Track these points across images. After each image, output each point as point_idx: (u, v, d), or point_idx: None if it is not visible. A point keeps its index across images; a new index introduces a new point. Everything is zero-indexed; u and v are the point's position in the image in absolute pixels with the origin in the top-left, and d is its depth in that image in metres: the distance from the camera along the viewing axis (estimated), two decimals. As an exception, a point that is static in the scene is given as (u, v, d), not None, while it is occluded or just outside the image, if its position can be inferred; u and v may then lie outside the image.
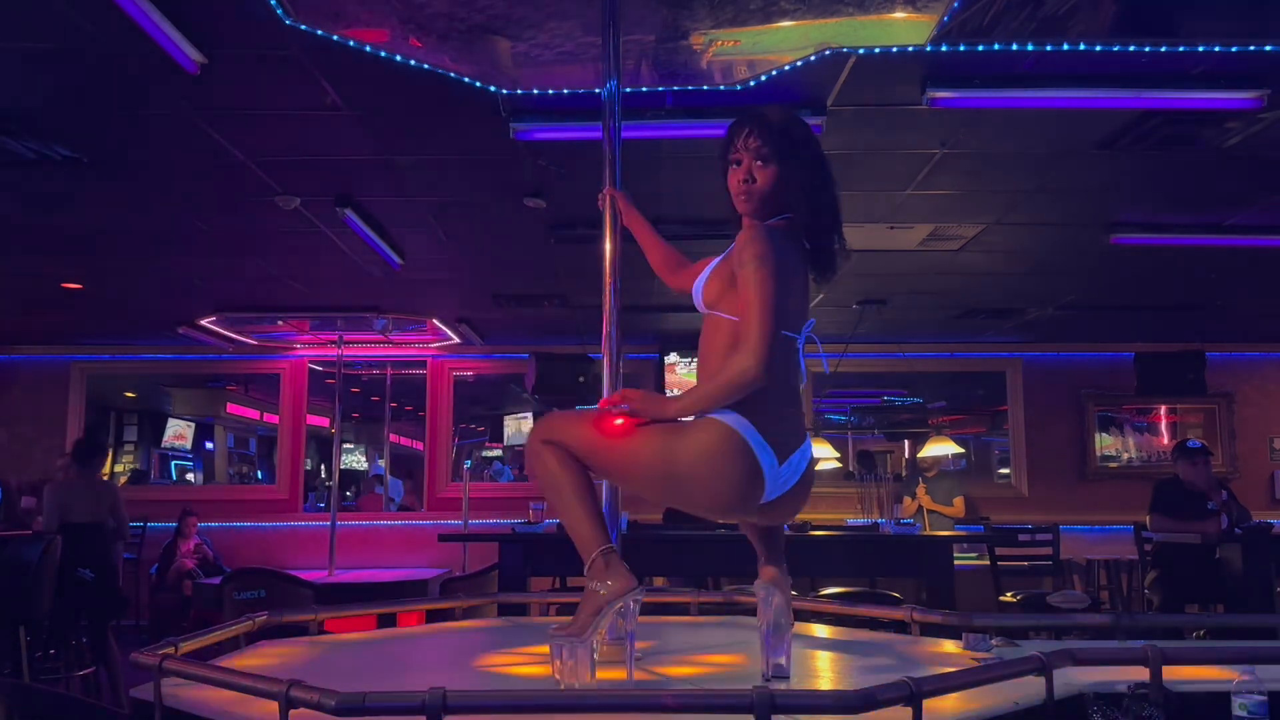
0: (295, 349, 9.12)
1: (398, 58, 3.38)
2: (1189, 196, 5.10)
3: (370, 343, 8.80)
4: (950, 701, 1.88)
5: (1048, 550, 7.06)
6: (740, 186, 2.21)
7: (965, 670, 2.00)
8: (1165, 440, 9.09)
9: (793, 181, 2.17)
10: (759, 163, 2.18)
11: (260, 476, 12.44)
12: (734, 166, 2.22)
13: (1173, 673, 2.00)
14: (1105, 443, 9.10)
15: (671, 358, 8.43)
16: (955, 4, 3.02)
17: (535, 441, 2.18)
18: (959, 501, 7.70)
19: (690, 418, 2.09)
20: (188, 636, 2.37)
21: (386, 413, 10.10)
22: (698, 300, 2.24)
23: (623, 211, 2.73)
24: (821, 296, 7.13)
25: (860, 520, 7.85)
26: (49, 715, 2.11)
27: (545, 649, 2.15)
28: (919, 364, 8.82)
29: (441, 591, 5.93)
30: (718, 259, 2.22)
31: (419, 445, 9.56)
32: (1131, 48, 3.38)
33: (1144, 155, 4.41)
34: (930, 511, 7.61)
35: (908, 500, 7.87)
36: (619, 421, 2.10)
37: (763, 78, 3.58)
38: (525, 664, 2.48)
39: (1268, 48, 3.37)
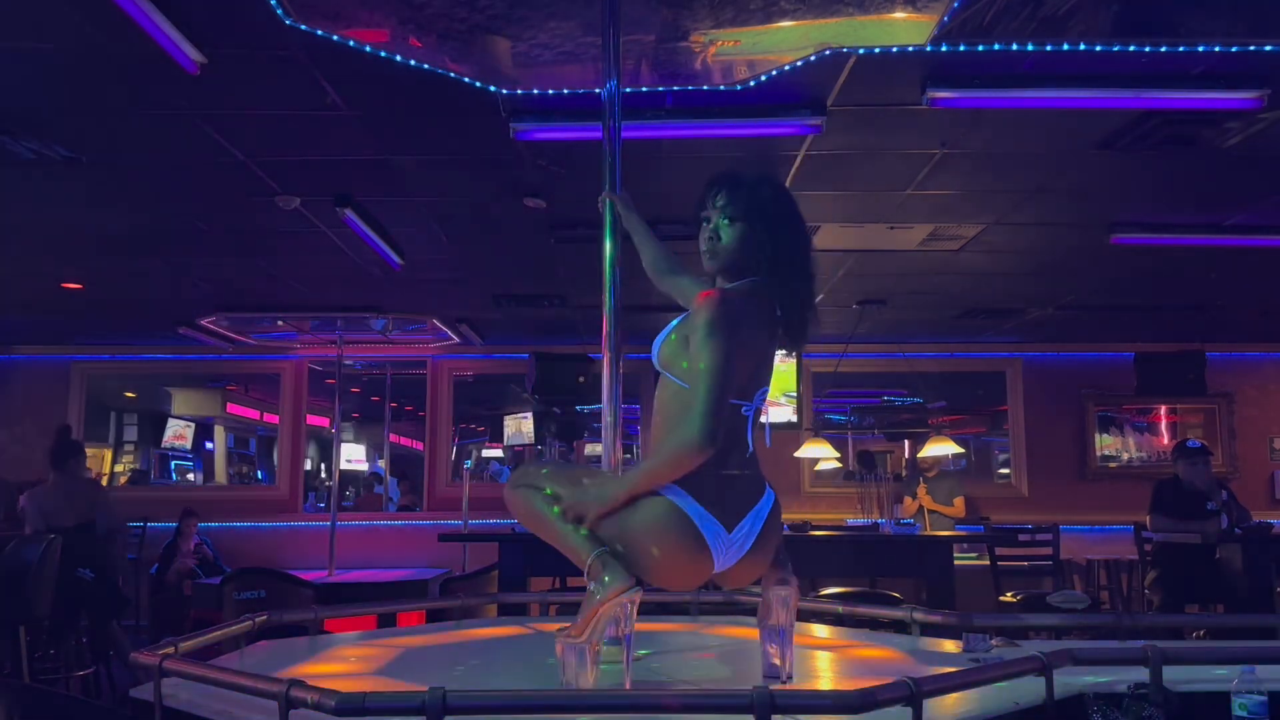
0: (295, 349, 9.11)
1: (398, 58, 3.38)
2: (1189, 196, 5.10)
3: (370, 343, 8.80)
4: (950, 701, 1.88)
5: (1048, 550, 7.06)
6: (706, 244, 2.20)
7: (965, 670, 2.00)
8: (1165, 440, 9.09)
9: (758, 242, 2.14)
10: (725, 221, 2.17)
11: (260, 476, 12.44)
12: (703, 225, 2.22)
13: (1173, 673, 2.00)
14: (1105, 443, 9.09)
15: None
16: (955, 4, 3.02)
17: (507, 492, 2.25)
18: (959, 501, 7.70)
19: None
20: (188, 636, 2.37)
21: (386, 413, 10.11)
22: (654, 357, 2.21)
23: (622, 214, 2.74)
24: (822, 297, 7.14)
25: (860, 520, 7.85)
26: (49, 715, 2.11)
27: (545, 649, 2.16)
28: (919, 364, 8.81)
29: (441, 591, 5.94)
30: (679, 319, 2.19)
31: (419, 445, 9.56)
32: (1131, 48, 3.38)
33: (1144, 155, 4.40)
34: (931, 512, 7.61)
35: (908, 500, 7.87)
36: (586, 480, 2.15)
37: (763, 78, 3.58)
38: (525, 664, 2.48)
39: (1268, 48, 3.37)
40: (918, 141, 4.31)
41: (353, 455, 14.37)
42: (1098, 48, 3.37)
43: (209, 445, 12.34)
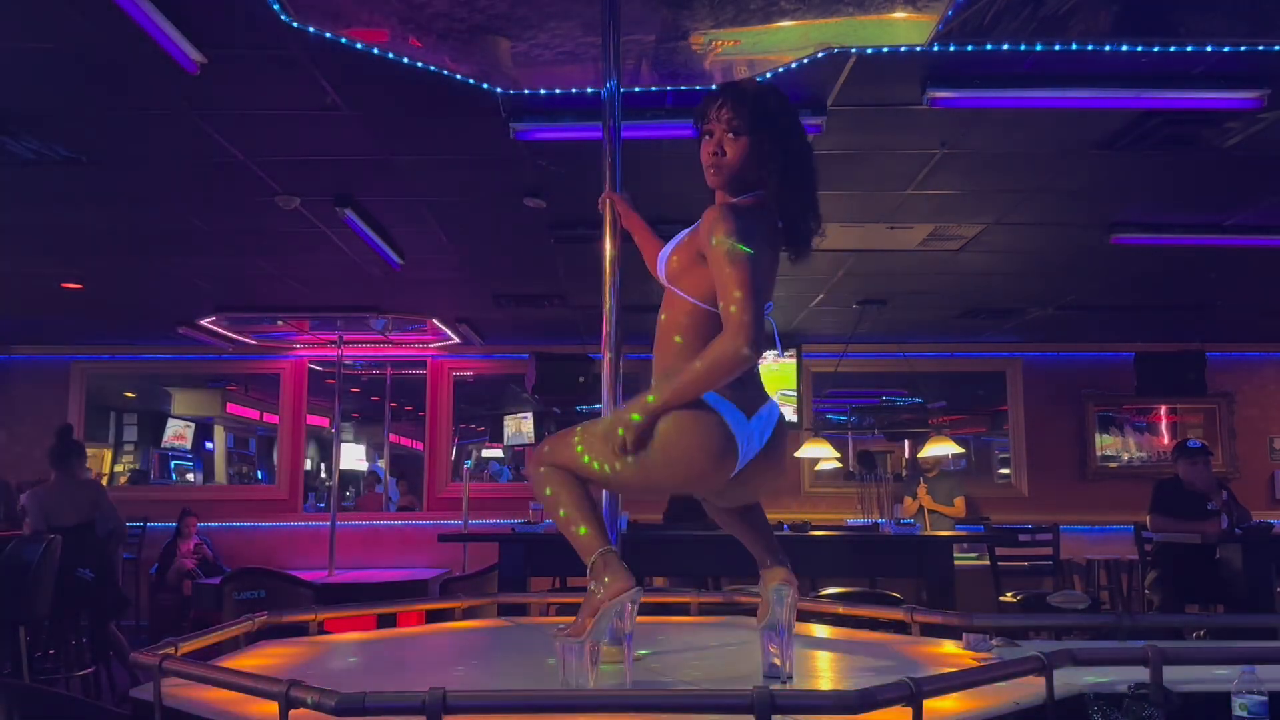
0: (295, 349, 9.11)
1: (398, 58, 3.38)
2: (1189, 196, 5.10)
3: (370, 343, 8.80)
4: (950, 701, 1.88)
5: (1048, 550, 7.06)
6: (710, 159, 2.17)
7: (965, 670, 2.00)
8: (1165, 440, 9.09)
9: (764, 155, 2.11)
10: (730, 135, 2.13)
11: (260, 476, 12.43)
12: (706, 138, 2.18)
13: (1173, 673, 2.00)
14: (1105, 443, 9.09)
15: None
16: (955, 4, 3.02)
17: (535, 467, 2.20)
18: (959, 501, 7.70)
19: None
20: (188, 636, 2.37)
21: (386, 413, 10.10)
22: (660, 271, 2.21)
23: (622, 214, 2.73)
24: (822, 296, 7.14)
25: (860, 520, 7.85)
26: (49, 715, 2.11)
27: (545, 649, 2.16)
28: (919, 364, 8.81)
29: (441, 591, 5.94)
30: (684, 232, 2.18)
31: (419, 445, 9.56)
32: (1132, 48, 3.38)
33: (1144, 155, 4.41)
34: (931, 512, 7.61)
35: (908, 500, 7.87)
36: (607, 423, 2.13)
37: (762, 78, 3.58)
38: (525, 664, 2.48)
39: (1268, 48, 3.37)
40: (918, 141, 4.31)
41: (354, 455, 14.36)
42: (1098, 48, 3.37)
43: (209, 445, 12.34)
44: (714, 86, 2.21)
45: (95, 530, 5.57)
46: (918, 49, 3.34)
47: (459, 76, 3.53)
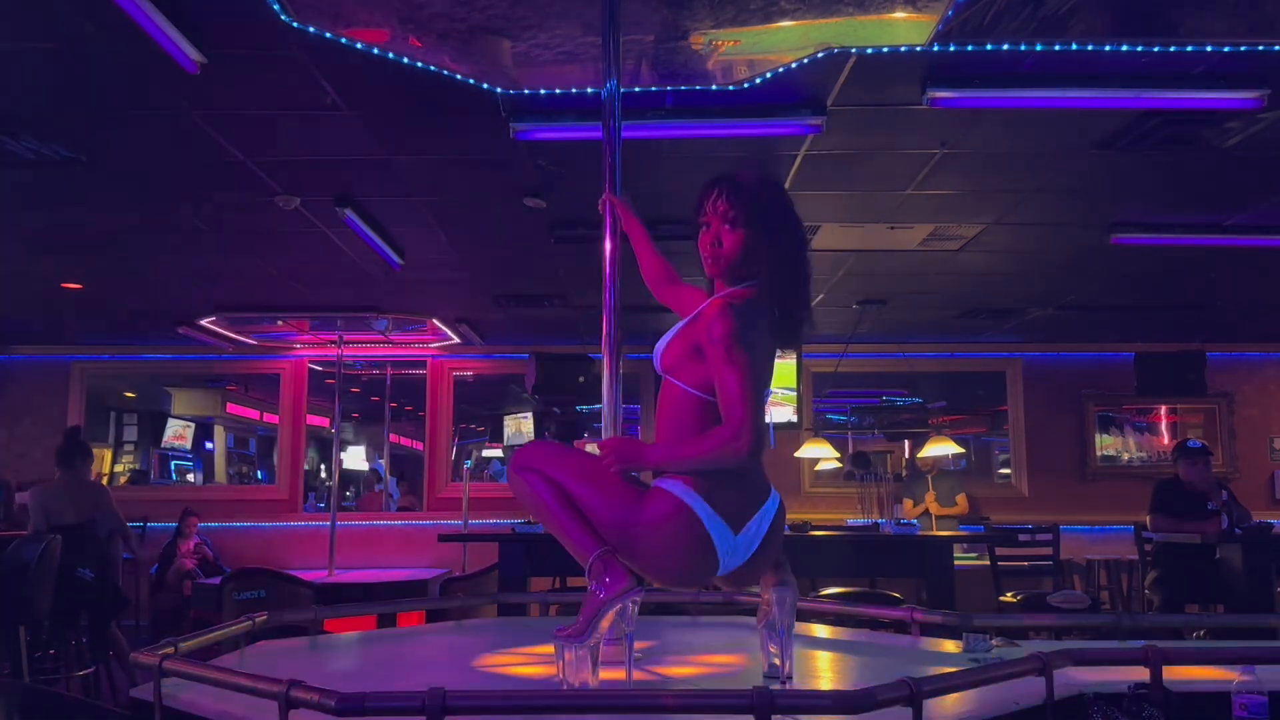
0: (295, 349, 9.11)
1: (398, 57, 3.38)
2: (1189, 196, 5.10)
3: (370, 343, 8.80)
4: (950, 701, 1.88)
5: (1048, 550, 7.06)
6: (708, 250, 2.20)
7: (965, 670, 2.00)
8: (1165, 440, 9.09)
9: (761, 247, 2.15)
10: (726, 226, 2.16)
11: (260, 476, 12.44)
12: (704, 229, 2.21)
13: (1173, 673, 2.00)
14: (1105, 443, 9.09)
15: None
16: (955, 4, 3.02)
17: (513, 470, 2.20)
18: (961, 499, 7.70)
19: (654, 482, 2.10)
20: (188, 636, 2.37)
21: (386, 413, 10.10)
22: (656, 362, 2.23)
23: (622, 216, 2.73)
24: (822, 296, 7.14)
25: (860, 520, 7.85)
26: (49, 715, 2.11)
27: (545, 649, 2.16)
28: (919, 364, 8.81)
29: (441, 591, 5.94)
30: (681, 323, 2.21)
31: (419, 445, 9.56)
32: (1132, 48, 3.38)
33: (1144, 155, 4.41)
34: (938, 517, 7.60)
35: (908, 503, 7.86)
36: (593, 466, 2.12)
37: (762, 78, 3.58)
38: (525, 664, 2.48)
39: (1267, 48, 3.37)
40: (918, 141, 4.31)
41: (355, 457, 14.35)
42: (1098, 48, 3.37)
43: (209, 445, 12.34)
44: (709, 180, 2.24)
45: (95, 530, 5.58)
46: (918, 49, 3.34)
47: (459, 76, 3.53)
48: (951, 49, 3.36)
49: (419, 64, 3.42)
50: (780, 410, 8.12)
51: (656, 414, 2.22)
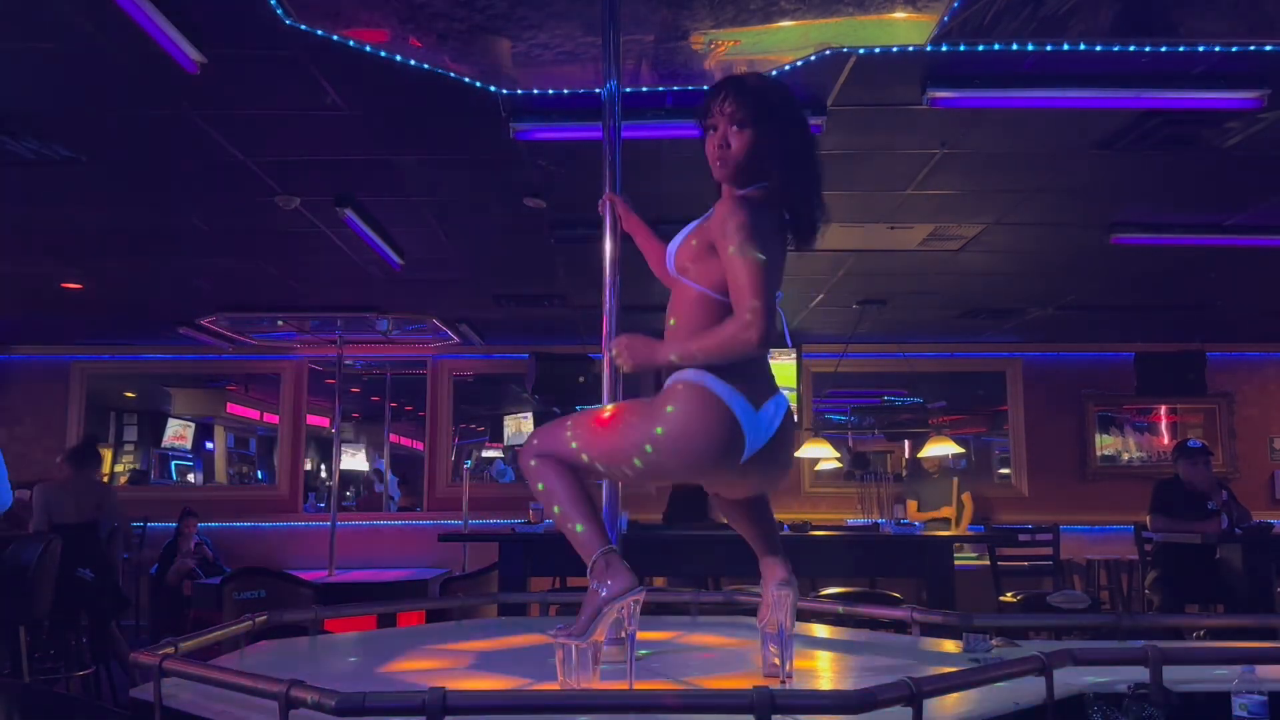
0: (295, 349, 9.11)
1: (398, 58, 3.38)
2: (1189, 196, 5.10)
3: (370, 343, 8.80)
4: (950, 701, 1.88)
5: (1048, 550, 7.06)
6: (715, 153, 2.19)
7: (965, 670, 2.00)
8: (1165, 440, 9.09)
9: (769, 147, 2.13)
10: (734, 128, 2.15)
11: (260, 476, 12.43)
12: (710, 132, 2.20)
13: (1173, 673, 2.00)
14: (1105, 443, 9.09)
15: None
16: (955, 4, 3.02)
17: (526, 459, 2.19)
18: (967, 497, 7.69)
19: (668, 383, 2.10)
20: (188, 636, 2.37)
21: (386, 413, 10.10)
22: (670, 263, 2.22)
23: (622, 216, 2.73)
24: (822, 296, 7.14)
25: (860, 520, 7.85)
26: (49, 715, 2.11)
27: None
28: (919, 364, 8.81)
29: (441, 591, 5.94)
30: (693, 224, 2.20)
31: (419, 445, 9.56)
32: (1132, 48, 3.38)
33: (1144, 155, 4.40)
34: (930, 520, 7.58)
35: (912, 504, 7.83)
36: (606, 414, 2.13)
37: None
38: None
39: (1268, 48, 3.37)
40: (918, 141, 4.31)
41: (356, 458, 14.35)
42: (1098, 48, 3.37)
43: (209, 445, 12.33)
44: (715, 82, 2.23)
45: (97, 531, 5.59)
46: (918, 49, 3.34)
47: (459, 76, 3.53)
48: (951, 49, 3.36)
49: (419, 64, 3.42)
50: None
51: (668, 320, 2.21)
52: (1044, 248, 5.97)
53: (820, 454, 7.78)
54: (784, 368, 8.25)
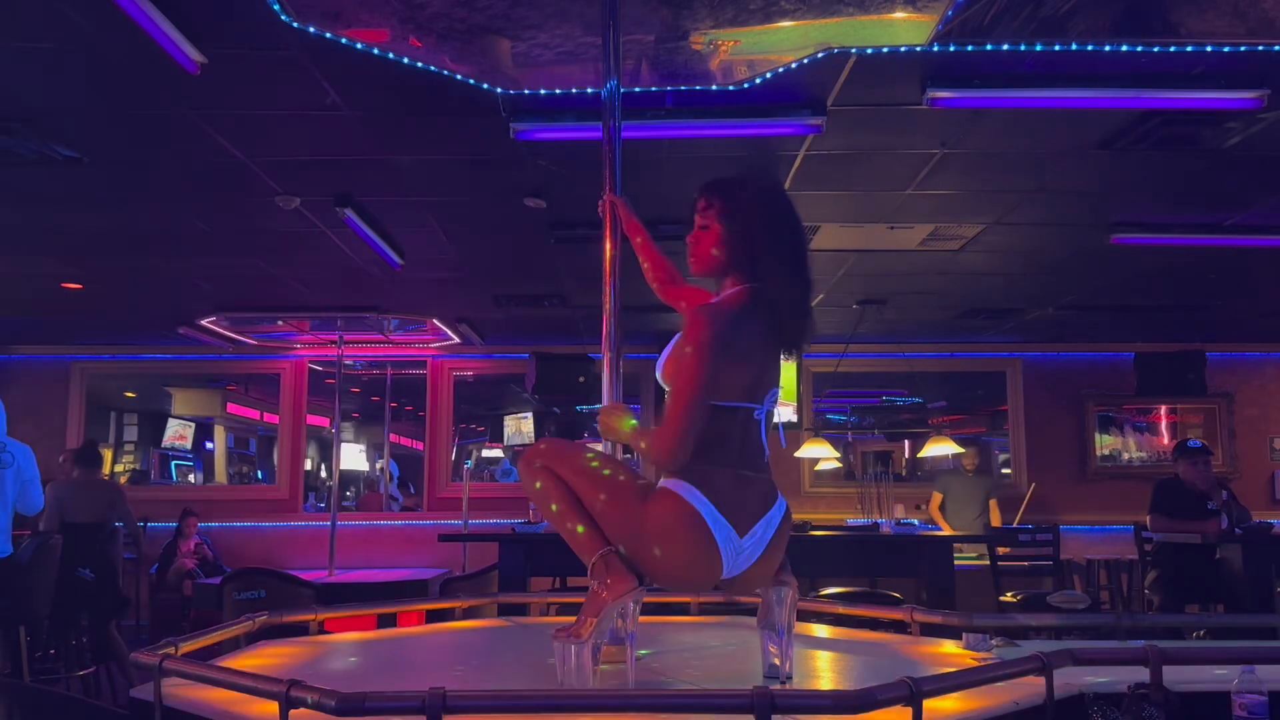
0: (295, 349, 9.11)
1: (398, 58, 3.38)
2: (1189, 196, 5.10)
3: (370, 343, 8.80)
4: (950, 701, 1.88)
5: (1048, 550, 7.05)
6: (690, 249, 2.20)
7: (965, 670, 2.00)
8: (1165, 440, 9.09)
9: (747, 245, 2.10)
10: (705, 224, 2.16)
11: (260, 476, 12.42)
12: (690, 229, 2.22)
13: (1173, 673, 2.00)
14: (1105, 443, 9.09)
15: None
16: (955, 4, 3.02)
17: (525, 465, 2.19)
18: (994, 503, 7.64)
19: (658, 483, 2.09)
20: (188, 636, 2.37)
21: (386, 413, 10.09)
22: (658, 373, 2.21)
23: (623, 218, 2.73)
24: (822, 296, 7.14)
25: (860, 520, 7.84)
26: (49, 715, 2.11)
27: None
28: (919, 364, 8.81)
29: (441, 591, 5.93)
30: (677, 336, 2.16)
31: (419, 445, 9.56)
32: (1132, 48, 3.38)
33: (1144, 155, 4.40)
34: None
35: (937, 497, 7.75)
36: (606, 474, 2.10)
37: (762, 78, 3.58)
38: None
39: (1267, 48, 3.37)
40: (918, 141, 4.31)
41: (355, 459, 14.35)
42: (1098, 48, 3.37)
43: (209, 445, 12.32)
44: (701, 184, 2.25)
45: (104, 531, 5.64)
46: (918, 49, 3.34)
47: (459, 76, 3.53)
48: (951, 49, 3.36)
49: (419, 64, 3.42)
50: (780, 410, 8.11)
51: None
52: (1044, 248, 5.97)
53: (820, 454, 7.78)
54: (784, 369, 8.24)
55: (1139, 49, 3.39)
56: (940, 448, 7.70)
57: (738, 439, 2.06)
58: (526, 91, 3.66)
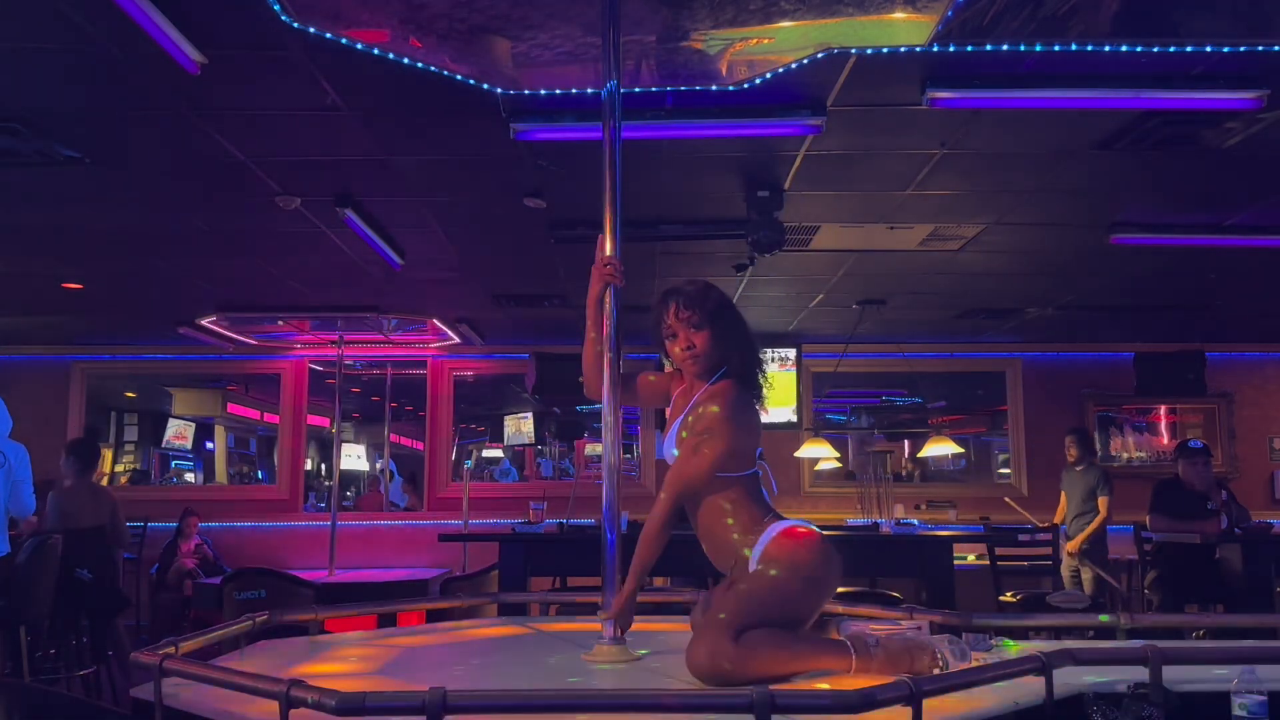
0: (295, 349, 9.11)
1: (398, 58, 3.38)
2: (1189, 196, 5.10)
3: (370, 343, 8.80)
4: (950, 701, 1.88)
5: (1048, 550, 7.05)
6: (684, 355, 2.49)
7: (965, 670, 2.00)
8: (1165, 440, 9.09)
9: (726, 339, 2.47)
10: (693, 330, 2.46)
11: (260, 476, 12.43)
12: (670, 340, 2.52)
13: (1173, 673, 2.00)
14: (1105, 443, 9.08)
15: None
16: (955, 4, 3.02)
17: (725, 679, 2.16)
18: (1104, 502, 7.22)
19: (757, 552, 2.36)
20: (188, 636, 2.37)
21: (386, 413, 10.09)
22: (671, 450, 2.51)
23: (595, 283, 2.90)
24: (821, 297, 7.14)
25: (860, 520, 7.85)
26: (49, 715, 2.11)
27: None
28: (919, 364, 8.81)
29: (441, 591, 5.94)
30: (678, 420, 2.49)
31: (419, 445, 9.56)
32: (1131, 48, 3.38)
33: (1144, 155, 4.41)
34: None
35: (1064, 496, 7.48)
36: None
37: (762, 78, 3.58)
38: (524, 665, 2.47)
39: (1267, 48, 3.37)
40: (918, 141, 4.31)
41: (355, 457, 14.35)
42: (1097, 48, 3.37)
43: (209, 445, 12.33)
44: (660, 296, 2.58)
45: (104, 533, 5.65)
46: (917, 49, 3.34)
47: (459, 76, 3.53)
48: (951, 49, 3.36)
49: (419, 64, 3.41)
50: (780, 410, 8.12)
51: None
52: (1044, 248, 5.97)
53: (820, 454, 7.78)
54: (785, 377, 8.25)
55: (1138, 49, 3.38)
56: (940, 448, 7.70)
57: (760, 489, 2.46)
58: (526, 92, 3.66)
